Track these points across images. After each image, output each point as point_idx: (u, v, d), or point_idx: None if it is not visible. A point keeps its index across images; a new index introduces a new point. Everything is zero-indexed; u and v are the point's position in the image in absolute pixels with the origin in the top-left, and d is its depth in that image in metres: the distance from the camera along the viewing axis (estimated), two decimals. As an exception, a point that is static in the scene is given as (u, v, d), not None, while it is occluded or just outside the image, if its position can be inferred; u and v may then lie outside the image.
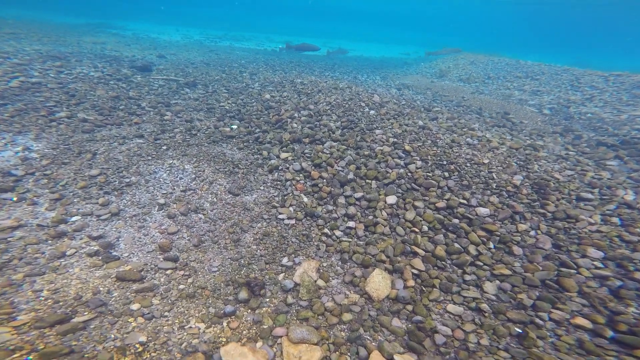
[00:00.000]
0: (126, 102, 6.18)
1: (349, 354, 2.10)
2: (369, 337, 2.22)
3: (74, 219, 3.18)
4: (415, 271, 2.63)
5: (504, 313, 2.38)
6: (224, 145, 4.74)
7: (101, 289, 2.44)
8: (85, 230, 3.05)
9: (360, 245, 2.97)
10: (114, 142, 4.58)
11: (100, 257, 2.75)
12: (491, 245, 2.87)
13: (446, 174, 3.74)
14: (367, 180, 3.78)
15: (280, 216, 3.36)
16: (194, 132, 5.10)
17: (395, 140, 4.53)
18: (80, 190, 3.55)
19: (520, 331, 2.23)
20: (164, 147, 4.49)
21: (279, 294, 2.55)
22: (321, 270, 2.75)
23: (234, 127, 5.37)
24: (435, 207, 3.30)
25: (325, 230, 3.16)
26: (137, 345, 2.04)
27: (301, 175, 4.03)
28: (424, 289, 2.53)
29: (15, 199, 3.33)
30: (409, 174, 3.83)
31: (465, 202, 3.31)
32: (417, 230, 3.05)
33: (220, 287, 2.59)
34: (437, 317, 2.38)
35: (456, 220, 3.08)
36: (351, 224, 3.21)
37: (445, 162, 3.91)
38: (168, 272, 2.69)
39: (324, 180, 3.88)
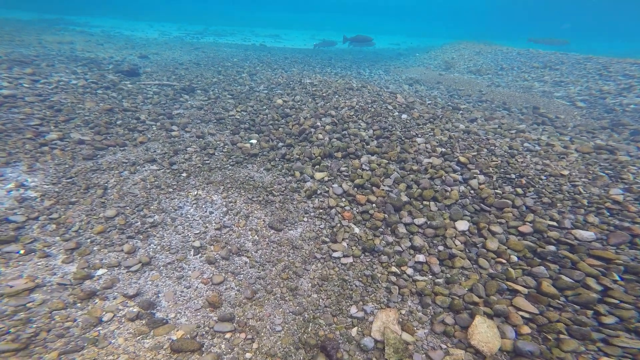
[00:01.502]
0: (122, 115, 5.81)
1: None
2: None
3: (99, 272, 2.88)
4: (525, 314, 2.42)
5: None
6: (249, 167, 4.48)
7: (156, 367, 2.19)
8: (118, 287, 2.76)
9: (441, 285, 2.79)
10: (124, 170, 4.25)
11: (144, 322, 2.49)
12: (616, 277, 2.63)
13: (519, 190, 3.59)
14: (425, 202, 3.61)
15: (335, 254, 3.16)
16: (210, 151, 4.81)
17: (443, 150, 4.37)
18: (98, 236, 3.24)
19: None
20: (184, 175, 4.20)
21: (358, 356, 2.36)
22: (402, 321, 2.57)
23: (254, 142, 5.10)
24: (518, 231, 3.13)
25: (393, 268, 2.98)
26: None
27: (345, 199, 3.82)
28: (549, 337, 2.28)
29: (22, 251, 3.00)
30: (472, 191, 3.68)
31: (555, 224, 3.15)
32: (503, 261, 2.89)
33: (291, 352, 2.37)
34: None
35: (552, 248, 2.92)
36: (420, 257, 3.04)
37: (514, 176, 3.77)
38: (227, 335, 2.45)
39: (373, 204, 3.69)
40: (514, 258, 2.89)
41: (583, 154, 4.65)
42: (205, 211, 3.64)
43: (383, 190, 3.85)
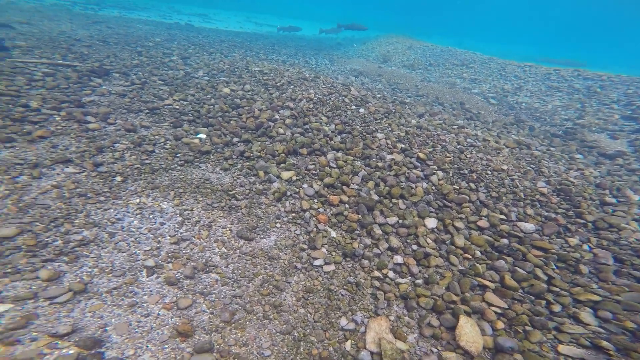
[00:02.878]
0: None
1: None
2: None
3: (3, 309, 2.19)
4: (497, 309, 2.67)
5: (635, 350, 2.27)
6: (203, 167, 3.95)
7: None
8: (37, 326, 2.14)
9: (421, 286, 2.91)
10: (20, 174, 3.29)
11: (92, 373, 1.98)
12: (553, 266, 3.07)
13: (472, 185, 3.96)
14: (394, 200, 3.72)
15: (316, 262, 3.02)
16: (148, 148, 4.08)
17: (403, 146, 4.55)
18: (-1, 266, 2.45)
19: None
20: (118, 179, 3.46)
21: (357, 369, 2.31)
22: (392, 328, 2.60)
23: (203, 136, 4.52)
24: (477, 226, 3.46)
25: (375, 272, 2.98)
26: None
27: (317, 201, 3.69)
28: (518, 330, 2.53)
29: None
30: (434, 187, 3.92)
31: (504, 217, 3.56)
32: (469, 257, 3.15)
33: (287, 377, 2.19)
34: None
35: (505, 241, 3.30)
36: (398, 258, 3.11)
37: (466, 171, 4.14)
38: (209, 372, 2.13)
39: (346, 205, 3.65)
40: (478, 253, 3.21)
41: (511, 149, 5.41)
42: (154, 222, 3.09)
43: (353, 189, 3.83)
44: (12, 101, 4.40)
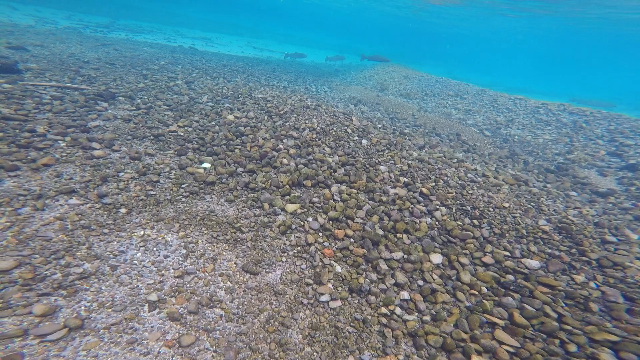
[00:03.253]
0: (1, 126, 4.51)
1: None
2: None
3: None
4: (509, 348, 2.65)
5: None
6: (208, 198, 3.99)
7: None
8: None
9: (429, 323, 2.91)
10: (23, 206, 3.28)
11: None
12: (562, 303, 3.06)
13: (475, 221, 4.06)
14: (398, 235, 3.78)
15: (323, 298, 3.01)
16: (153, 178, 4.12)
17: (406, 180, 4.68)
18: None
19: None
20: (122, 211, 3.47)
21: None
22: (402, 367, 2.57)
23: (207, 166, 4.59)
24: (482, 262, 3.52)
25: (382, 309, 2.99)
26: None
27: (322, 234, 3.73)
28: None
29: None
30: (437, 223, 4.00)
31: (508, 254, 3.64)
32: (476, 292, 3.18)
33: None
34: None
35: (511, 277, 3.34)
36: (405, 294, 3.13)
37: (469, 208, 4.25)
38: (214, 420, 2.06)
39: (351, 239, 3.69)
40: (485, 289, 3.23)
41: (510, 185, 5.59)
42: (158, 255, 3.08)
43: (358, 223, 3.89)
44: (19, 126, 4.45)
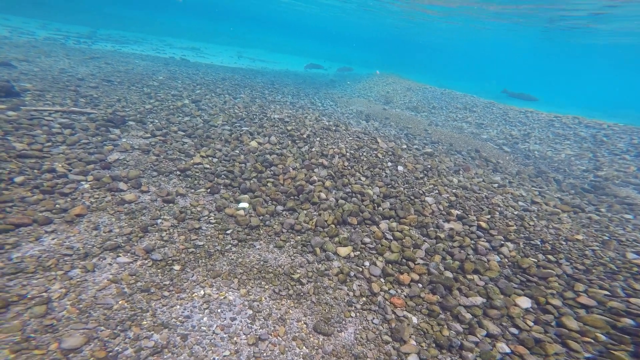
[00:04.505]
0: (19, 165, 4.22)
1: None
2: None
3: None
4: None
5: None
6: (257, 245, 3.79)
7: None
8: None
9: (535, 384, 2.78)
10: (75, 267, 3.02)
11: None
12: None
13: (550, 257, 3.98)
14: (468, 276, 3.68)
15: (410, 359, 2.86)
16: (194, 225, 3.89)
17: (458, 212, 4.61)
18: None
19: None
20: (176, 267, 3.24)
21: None
22: None
23: (245, 205, 4.40)
24: (578, 303, 3.33)
25: (479, 369, 2.84)
26: None
27: (385, 280, 3.59)
28: None
29: None
30: (507, 260, 3.92)
31: (608, 293, 3.44)
32: (591, 340, 2.96)
33: None
34: None
35: (629, 320, 3.09)
36: (503, 347, 2.96)
37: (538, 242, 4.19)
38: None
39: (419, 284, 3.56)
40: (602, 337, 3.00)
41: (568, 214, 5.56)
42: (225, 319, 2.86)
43: (420, 265, 3.77)
44: (37, 165, 4.17)
